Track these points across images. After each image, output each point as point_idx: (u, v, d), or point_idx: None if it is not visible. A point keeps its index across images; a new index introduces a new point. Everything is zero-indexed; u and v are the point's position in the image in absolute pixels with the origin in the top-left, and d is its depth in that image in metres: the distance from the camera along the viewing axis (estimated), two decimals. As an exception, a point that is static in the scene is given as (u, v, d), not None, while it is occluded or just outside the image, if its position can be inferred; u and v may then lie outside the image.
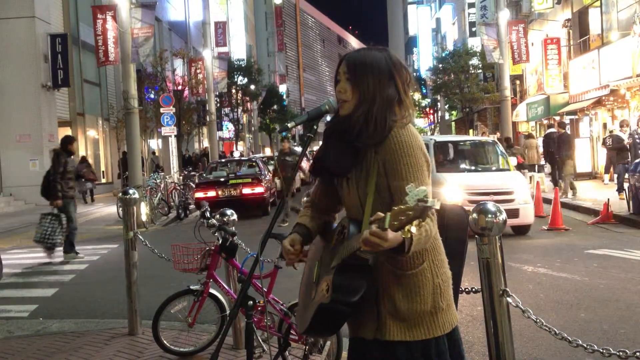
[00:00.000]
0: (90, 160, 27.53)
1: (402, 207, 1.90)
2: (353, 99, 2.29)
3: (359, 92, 2.27)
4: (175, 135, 24.78)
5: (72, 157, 11.07)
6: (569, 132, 19.39)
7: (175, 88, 28.35)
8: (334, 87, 2.38)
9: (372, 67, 2.28)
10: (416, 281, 2.24)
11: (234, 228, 4.82)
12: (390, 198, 2.23)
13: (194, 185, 18.36)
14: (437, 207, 1.86)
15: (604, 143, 20.26)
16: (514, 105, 29.62)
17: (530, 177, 18.57)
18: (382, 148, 2.23)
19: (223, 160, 22.81)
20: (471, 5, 40.03)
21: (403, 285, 2.24)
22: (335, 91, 2.36)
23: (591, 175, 22.03)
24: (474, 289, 3.16)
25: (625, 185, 13.33)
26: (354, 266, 2.16)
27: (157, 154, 29.18)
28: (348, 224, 2.24)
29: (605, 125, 21.77)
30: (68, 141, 11.08)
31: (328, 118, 2.49)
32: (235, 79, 44.25)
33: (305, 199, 2.55)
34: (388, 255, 2.15)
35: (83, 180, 21.63)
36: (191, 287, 4.96)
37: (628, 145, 16.25)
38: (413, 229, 1.91)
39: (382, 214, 1.95)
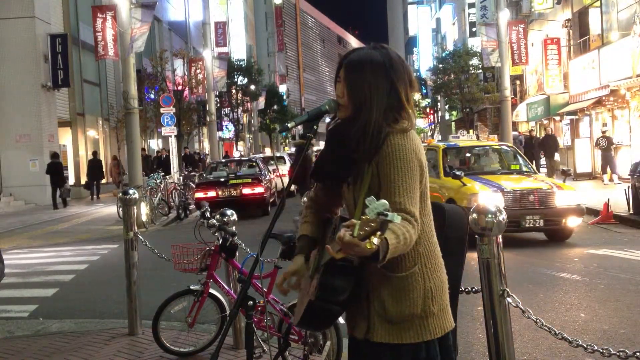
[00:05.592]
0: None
1: (367, 217, 1.89)
2: (350, 104, 2.28)
3: (355, 99, 2.25)
4: (175, 135, 24.77)
5: None
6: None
7: (175, 88, 28.33)
8: (334, 86, 2.37)
9: (372, 74, 2.23)
10: (406, 284, 2.22)
11: (234, 228, 4.82)
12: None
13: (194, 186, 18.36)
14: (397, 221, 1.86)
15: (597, 144, 20.34)
16: (514, 106, 29.63)
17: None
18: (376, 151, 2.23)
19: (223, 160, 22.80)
20: (471, 5, 40.04)
21: (393, 288, 2.22)
22: (335, 91, 2.36)
23: (591, 176, 22.03)
24: (474, 289, 3.16)
25: (626, 185, 13.33)
26: (340, 266, 2.16)
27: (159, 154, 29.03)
28: (339, 224, 2.24)
29: (604, 125, 21.80)
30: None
31: (327, 119, 2.49)
32: (235, 79, 44.25)
33: (304, 199, 2.56)
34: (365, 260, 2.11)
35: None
36: (191, 287, 4.96)
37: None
38: (375, 241, 1.88)
39: (355, 221, 1.93)
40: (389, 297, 2.22)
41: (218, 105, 39.56)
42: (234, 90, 44.43)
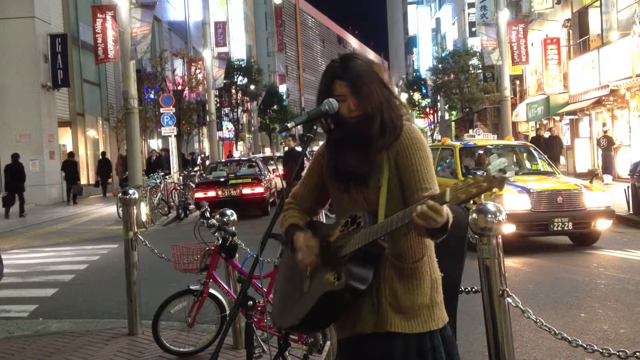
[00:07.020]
0: (90, 161, 27.56)
1: (470, 180, 1.96)
2: (359, 109, 2.34)
3: (366, 104, 2.32)
4: (175, 135, 24.77)
5: None
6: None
7: (175, 88, 28.31)
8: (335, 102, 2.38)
9: (370, 79, 2.34)
10: (417, 274, 2.29)
11: (234, 228, 4.82)
12: (400, 190, 2.28)
13: (193, 185, 18.35)
14: (512, 177, 1.93)
15: (598, 144, 20.37)
16: (513, 105, 29.62)
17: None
18: (393, 143, 2.31)
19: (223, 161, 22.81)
20: (471, 5, 40.03)
21: (405, 278, 2.29)
22: (341, 109, 2.36)
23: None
24: (474, 289, 3.16)
25: (626, 185, 13.33)
26: (366, 254, 2.20)
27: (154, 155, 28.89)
28: (364, 214, 2.25)
29: (604, 125, 21.81)
30: None
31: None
32: (235, 79, 44.22)
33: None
34: (423, 234, 2.17)
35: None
36: (191, 287, 4.96)
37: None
38: (483, 198, 2.01)
39: (436, 191, 2.04)
40: (402, 288, 2.28)
41: (218, 105, 39.54)
42: (233, 90, 44.41)
